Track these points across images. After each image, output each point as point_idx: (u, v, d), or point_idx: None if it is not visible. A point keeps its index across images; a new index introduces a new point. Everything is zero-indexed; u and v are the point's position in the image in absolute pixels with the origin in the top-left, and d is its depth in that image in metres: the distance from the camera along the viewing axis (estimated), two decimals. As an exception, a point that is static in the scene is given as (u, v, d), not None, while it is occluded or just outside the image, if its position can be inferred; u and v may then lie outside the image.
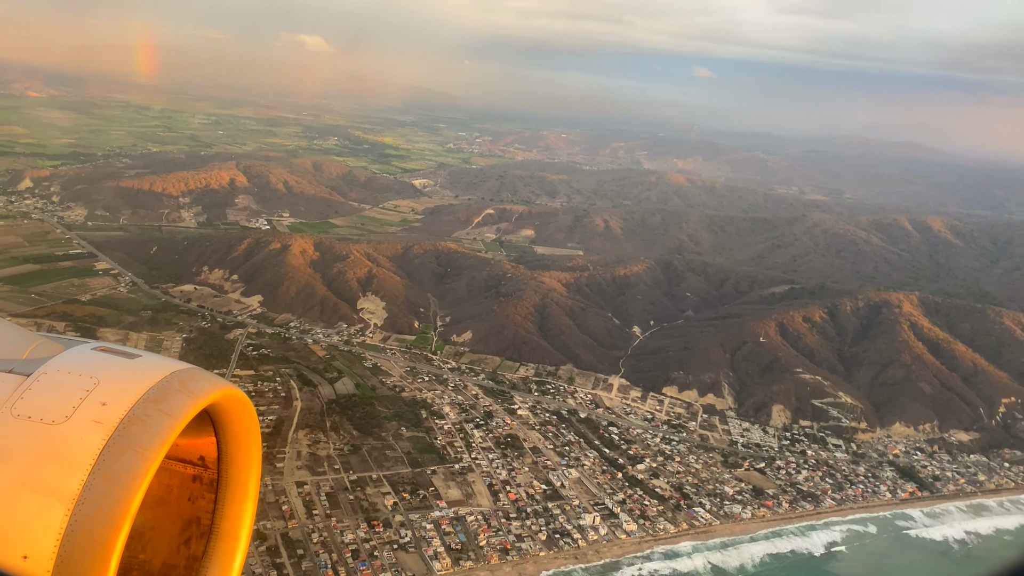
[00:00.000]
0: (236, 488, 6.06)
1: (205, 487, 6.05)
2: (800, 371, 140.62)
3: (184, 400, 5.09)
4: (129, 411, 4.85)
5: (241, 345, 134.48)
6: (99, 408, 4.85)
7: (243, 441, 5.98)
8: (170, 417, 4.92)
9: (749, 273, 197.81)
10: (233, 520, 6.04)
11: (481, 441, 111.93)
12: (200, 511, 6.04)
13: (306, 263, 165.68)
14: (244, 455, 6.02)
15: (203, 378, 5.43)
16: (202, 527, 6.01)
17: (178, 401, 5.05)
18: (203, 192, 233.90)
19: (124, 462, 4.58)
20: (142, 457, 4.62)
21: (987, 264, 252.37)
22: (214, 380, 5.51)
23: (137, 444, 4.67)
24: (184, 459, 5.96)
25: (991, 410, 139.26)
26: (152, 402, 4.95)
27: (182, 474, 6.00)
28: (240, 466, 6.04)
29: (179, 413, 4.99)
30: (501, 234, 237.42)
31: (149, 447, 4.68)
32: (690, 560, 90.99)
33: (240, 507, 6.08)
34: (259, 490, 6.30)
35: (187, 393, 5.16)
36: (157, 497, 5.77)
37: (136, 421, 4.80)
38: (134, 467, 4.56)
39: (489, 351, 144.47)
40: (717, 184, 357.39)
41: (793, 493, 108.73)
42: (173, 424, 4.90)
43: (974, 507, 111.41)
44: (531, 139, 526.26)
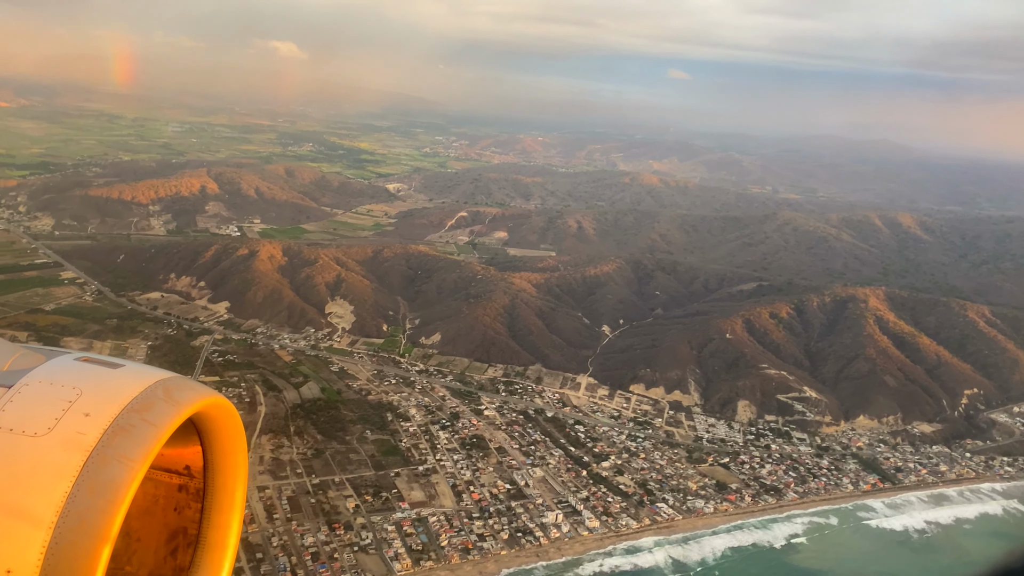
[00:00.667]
0: (222, 497, 6.00)
1: (191, 497, 5.98)
2: (766, 367, 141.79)
3: (169, 409, 5.01)
4: (113, 421, 4.76)
5: (207, 352, 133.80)
6: (82, 419, 4.76)
7: (229, 450, 5.91)
8: (155, 427, 4.84)
9: (718, 271, 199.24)
10: (220, 530, 5.98)
11: (447, 442, 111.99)
12: (186, 521, 5.96)
13: (274, 268, 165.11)
14: (230, 464, 5.96)
15: (188, 387, 5.35)
16: (189, 537, 5.94)
17: (163, 410, 4.97)
18: (173, 200, 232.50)
19: (108, 473, 4.51)
20: (127, 468, 4.56)
21: (955, 259, 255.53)
22: (199, 389, 5.44)
23: (121, 455, 4.60)
24: (169, 469, 5.86)
25: (954, 401, 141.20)
26: (136, 412, 4.87)
27: (168, 484, 5.89)
28: (226, 475, 5.98)
29: (164, 423, 4.91)
30: (474, 237, 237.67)
31: (134, 458, 4.61)
32: (651, 555, 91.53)
33: (227, 516, 6.02)
34: (246, 499, 6.28)
35: (172, 402, 5.08)
36: (142, 508, 5.64)
37: (120, 431, 4.72)
38: (118, 478, 4.50)
39: (458, 353, 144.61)
40: (690, 184, 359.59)
41: (756, 487, 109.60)
42: (158, 434, 4.82)
43: (935, 497, 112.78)
44: (508, 143, 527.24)
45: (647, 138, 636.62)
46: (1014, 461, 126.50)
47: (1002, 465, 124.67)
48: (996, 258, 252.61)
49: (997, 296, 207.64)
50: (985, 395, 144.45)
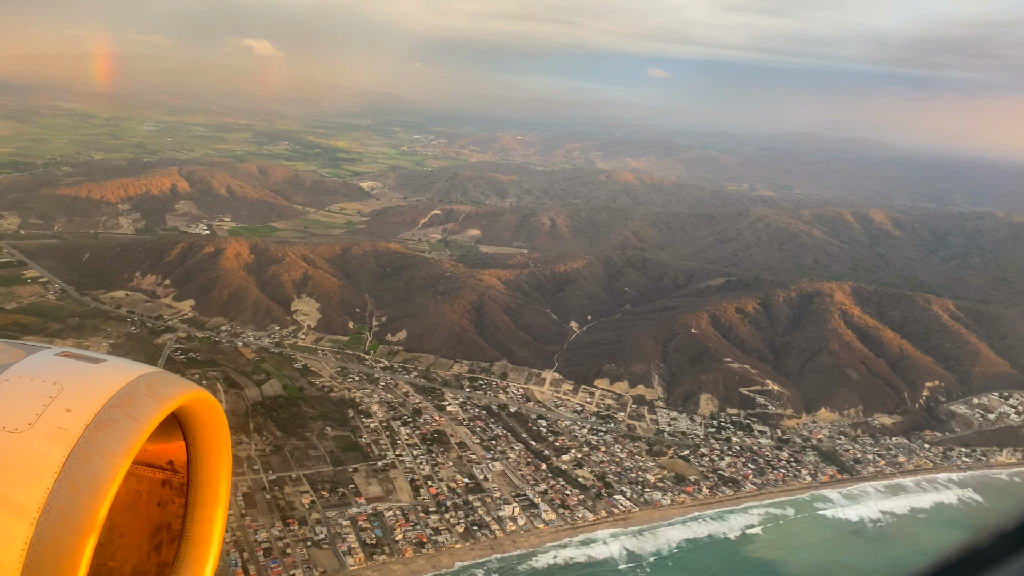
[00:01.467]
0: (206, 492, 5.94)
1: (175, 492, 5.93)
2: (729, 361, 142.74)
3: (151, 404, 4.96)
4: (95, 417, 4.72)
5: (169, 350, 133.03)
6: (63, 414, 4.71)
7: (212, 444, 5.86)
8: (137, 422, 4.79)
9: (688, 267, 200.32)
10: (204, 524, 5.92)
11: (407, 438, 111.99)
12: (170, 516, 5.90)
13: (240, 266, 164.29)
14: (214, 458, 5.91)
15: (170, 381, 5.33)
16: (172, 532, 5.88)
17: (145, 405, 4.92)
18: (143, 198, 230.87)
19: (90, 469, 4.46)
20: (109, 463, 4.51)
21: (925, 254, 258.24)
22: (182, 383, 5.41)
23: (103, 450, 4.56)
24: (153, 464, 5.83)
25: (915, 394, 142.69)
26: (118, 407, 4.83)
27: (151, 479, 5.86)
28: (210, 470, 5.92)
29: (146, 418, 4.86)
30: (447, 234, 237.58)
31: (116, 453, 4.57)
32: (606, 547, 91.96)
33: (211, 511, 5.96)
34: (230, 494, 6.24)
35: (154, 397, 5.03)
36: (126, 503, 5.66)
37: (102, 427, 4.68)
38: (101, 474, 4.46)
39: (424, 349, 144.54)
40: (666, 182, 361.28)
41: (715, 479, 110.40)
42: (140, 429, 4.78)
43: (892, 487, 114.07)
44: (487, 141, 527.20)
45: (627, 136, 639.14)
46: (972, 452, 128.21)
47: (960, 456, 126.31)
48: (965, 253, 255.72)
49: (964, 290, 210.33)
50: (946, 387, 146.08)
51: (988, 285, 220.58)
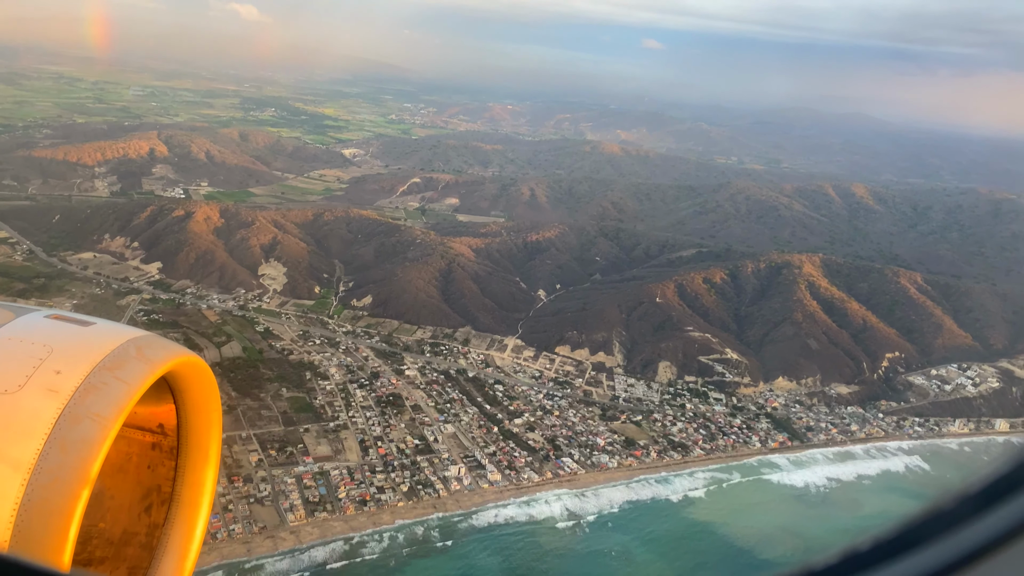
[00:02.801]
0: (196, 455, 5.98)
1: (165, 455, 5.95)
2: (691, 329, 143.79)
3: (141, 368, 4.99)
4: (85, 379, 4.73)
5: (132, 311, 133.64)
6: (53, 376, 4.73)
7: (202, 408, 5.91)
8: (127, 385, 4.82)
9: (661, 238, 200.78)
10: (194, 487, 5.98)
11: (362, 400, 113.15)
12: (160, 479, 5.95)
13: (209, 230, 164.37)
14: (204, 422, 5.96)
15: (161, 345, 5.35)
16: (163, 495, 5.93)
17: (135, 369, 4.95)
18: (120, 162, 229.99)
19: (80, 431, 4.49)
20: (99, 426, 4.54)
21: (904, 229, 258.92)
22: (172, 347, 5.44)
23: (94, 412, 4.59)
24: (143, 427, 5.87)
25: (875, 364, 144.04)
26: (108, 370, 4.85)
27: (141, 442, 5.90)
28: (200, 433, 5.97)
29: (136, 381, 4.89)
30: (425, 203, 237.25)
31: (106, 415, 4.59)
32: (547, 506, 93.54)
33: (201, 474, 6.01)
34: (220, 457, 6.30)
35: (144, 361, 5.05)
36: (116, 465, 5.69)
37: (92, 389, 4.70)
38: (91, 436, 4.48)
39: (388, 315, 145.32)
40: (651, 154, 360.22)
41: (664, 444, 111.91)
42: (130, 392, 4.80)
43: (840, 455, 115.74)
44: (476, 111, 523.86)
45: (621, 108, 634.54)
46: (925, 422, 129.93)
47: (912, 425, 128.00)
48: (944, 228, 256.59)
49: (937, 265, 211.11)
50: (906, 358, 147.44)
51: (963, 260, 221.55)
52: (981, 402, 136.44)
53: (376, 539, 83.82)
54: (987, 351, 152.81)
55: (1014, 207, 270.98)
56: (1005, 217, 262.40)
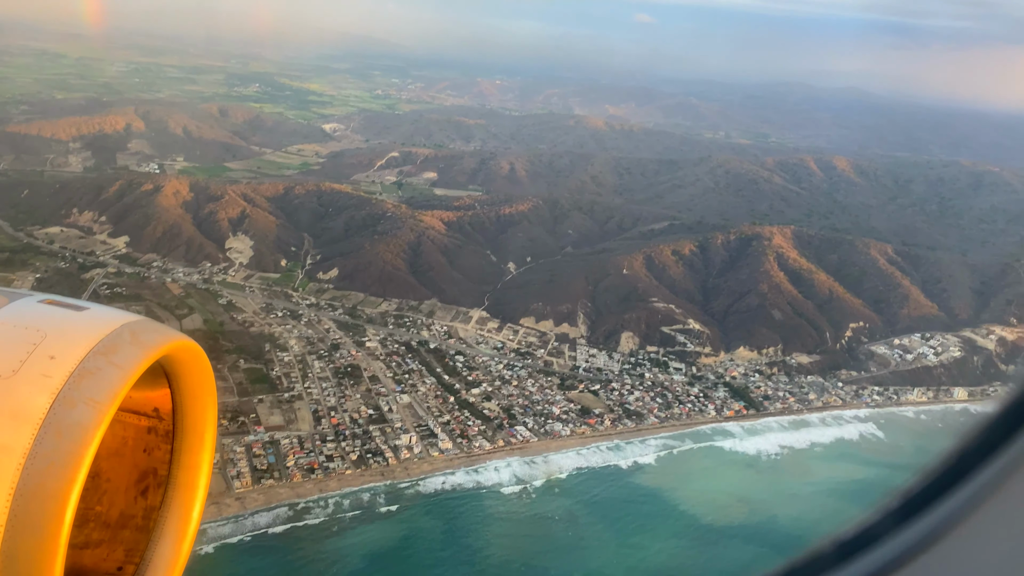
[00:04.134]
0: (192, 439, 6.01)
1: (160, 438, 6.00)
2: (655, 300, 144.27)
3: (136, 352, 4.96)
4: (79, 364, 4.73)
5: (95, 285, 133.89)
6: (47, 362, 4.72)
7: (198, 392, 5.91)
8: (121, 370, 4.80)
9: (634, 211, 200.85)
10: (190, 470, 6.02)
11: (320, 371, 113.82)
12: (156, 462, 5.99)
13: (177, 204, 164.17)
14: (199, 406, 5.97)
15: (155, 330, 5.33)
16: (159, 478, 5.98)
17: (130, 353, 4.93)
18: (96, 137, 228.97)
19: (76, 416, 4.50)
20: (94, 410, 4.54)
21: (884, 201, 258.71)
22: (166, 332, 5.43)
23: (88, 397, 4.59)
24: (138, 411, 5.88)
25: (838, 334, 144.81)
26: (102, 355, 4.83)
27: (136, 426, 5.92)
28: (195, 417, 5.98)
29: (131, 366, 4.87)
30: (403, 177, 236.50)
31: (101, 400, 4.59)
32: (496, 473, 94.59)
33: (197, 457, 6.05)
34: (216, 440, 6.32)
35: (139, 345, 5.03)
36: (111, 449, 5.71)
37: (86, 374, 4.70)
38: (86, 420, 4.49)
39: (354, 287, 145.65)
40: (636, 128, 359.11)
41: (619, 412, 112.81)
42: (125, 377, 4.80)
43: (795, 423, 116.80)
44: (465, 86, 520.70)
45: (612, 84, 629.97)
46: (884, 390, 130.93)
47: (871, 394, 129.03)
48: (924, 201, 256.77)
49: (914, 236, 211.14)
50: (870, 328, 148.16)
51: (939, 232, 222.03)
52: (942, 371, 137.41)
53: (321, 505, 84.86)
54: (952, 321, 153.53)
55: (995, 180, 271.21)
56: (986, 189, 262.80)
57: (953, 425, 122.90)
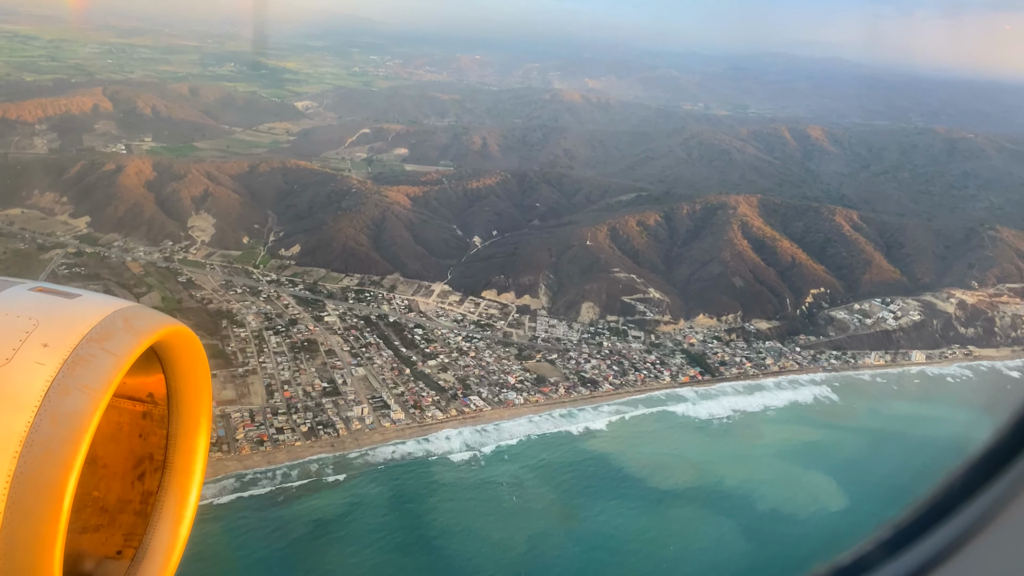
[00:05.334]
0: (187, 423, 6.05)
1: (156, 423, 6.03)
2: (617, 271, 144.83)
3: (129, 339, 4.99)
4: (72, 352, 4.75)
5: (55, 265, 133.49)
6: (40, 349, 4.74)
7: (191, 377, 5.95)
8: (115, 356, 4.83)
9: (602, 183, 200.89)
10: (186, 455, 6.06)
11: (276, 347, 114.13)
12: (152, 447, 6.02)
13: (140, 183, 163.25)
14: (193, 391, 6.01)
15: (147, 316, 5.36)
16: (155, 462, 6.01)
17: (123, 340, 4.95)
18: (62, 119, 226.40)
19: (71, 403, 4.53)
20: (88, 397, 4.57)
21: (857, 169, 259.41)
22: (159, 317, 5.45)
23: (83, 384, 4.61)
24: (133, 397, 5.92)
25: (798, 300, 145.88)
26: (95, 342, 4.84)
27: (131, 412, 5.95)
28: (190, 402, 6.03)
29: (124, 352, 4.90)
30: (373, 153, 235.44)
31: (95, 387, 4.62)
32: (447, 442, 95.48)
33: (192, 442, 6.09)
34: (211, 424, 6.40)
35: (131, 332, 5.06)
36: (107, 435, 5.72)
37: (80, 362, 4.71)
38: (81, 407, 4.51)
39: (316, 264, 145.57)
40: (612, 101, 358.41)
41: (575, 380, 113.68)
42: (119, 363, 4.82)
43: (750, 387, 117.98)
44: (443, 61, 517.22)
45: (594, 57, 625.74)
46: (842, 354, 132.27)
47: (828, 358, 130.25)
48: (896, 168, 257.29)
49: (883, 203, 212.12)
50: (831, 294, 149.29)
51: (909, 198, 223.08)
52: (900, 334, 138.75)
53: (268, 476, 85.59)
54: (914, 285, 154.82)
55: (969, 146, 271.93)
56: (959, 156, 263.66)
57: (908, 387, 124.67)
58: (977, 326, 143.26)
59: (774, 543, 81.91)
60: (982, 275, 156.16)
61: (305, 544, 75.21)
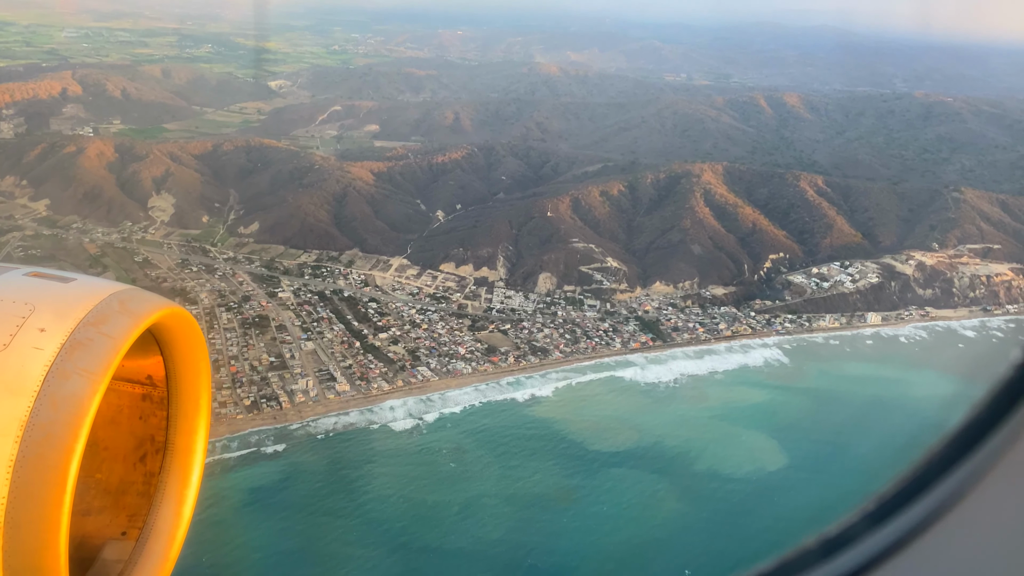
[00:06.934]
0: (187, 404, 6.08)
1: (156, 405, 6.06)
2: (576, 241, 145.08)
3: (126, 322, 5.00)
4: (69, 336, 4.75)
5: (10, 248, 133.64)
6: (38, 335, 4.75)
7: (190, 358, 5.97)
8: (113, 339, 4.84)
9: (570, 155, 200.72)
10: (187, 435, 6.12)
11: (226, 323, 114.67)
12: (153, 428, 6.06)
13: (101, 165, 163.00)
14: (192, 372, 6.03)
15: (144, 298, 5.36)
16: (156, 444, 6.05)
17: (120, 323, 4.96)
18: (30, 103, 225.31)
19: (70, 387, 4.55)
20: (88, 381, 4.58)
21: (832, 135, 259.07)
22: (155, 299, 5.46)
23: (81, 368, 4.62)
24: (131, 379, 5.95)
25: (757, 266, 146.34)
26: (92, 325, 4.85)
27: (131, 394, 5.99)
28: (189, 382, 6.05)
29: (122, 335, 4.90)
30: (344, 130, 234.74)
31: (94, 371, 4.63)
32: (390, 412, 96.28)
33: (192, 422, 6.15)
34: (211, 404, 6.43)
35: (128, 314, 5.07)
36: (107, 418, 5.78)
37: (78, 346, 4.73)
38: (80, 391, 4.54)
39: (275, 240, 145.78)
40: (590, 73, 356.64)
41: (525, 349, 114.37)
42: (116, 346, 4.84)
43: (701, 352, 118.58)
44: (425, 38, 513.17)
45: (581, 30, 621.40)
46: (797, 318, 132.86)
47: (783, 322, 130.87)
48: (871, 133, 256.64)
49: (854, 169, 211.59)
50: (791, 259, 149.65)
51: (880, 163, 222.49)
52: (857, 297, 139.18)
53: (207, 449, 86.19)
54: (875, 248, 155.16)
55: (946, 110, 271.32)
56: (935, 120, 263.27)
57: (860, 349, 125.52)
58: (935, 287, 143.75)
59: (706, 498, 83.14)
60: (943, 236, 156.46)
61: (236, 511, 76.18)
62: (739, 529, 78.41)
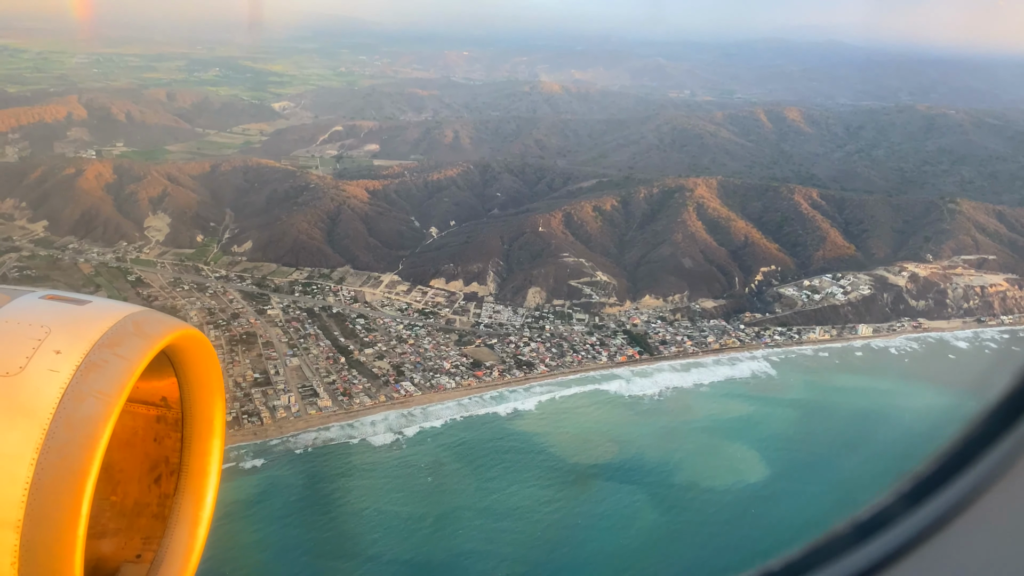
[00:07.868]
0: (201, 426, 6.09)
1: (170, 427, 6.08)
2: (566, 255, 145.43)
3: (140, 344, 5.06)
4: (85, 358, 4.80)
5: (5, 268, 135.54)
6: (53, 357, 4.78)
7: (204, 380, 6.01)
8: (127, 361, 4.89)
9: (565, 171, 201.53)
10: (201, 457, 6.14)
11: (214, 340, 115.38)
12: (167, 450, 6.08)
13: (99, 186, 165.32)
14: (206, 393, 6.06)
15: (158, 320, 5.42)
16: (171, 465, 6.08)
17: (134, 345, 5.02)
18: (35, 127, 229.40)
19: (85, 409, 4.58)
20: (103, 403, 4.61)
21: (831, 149, 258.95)
22: (170, 321, 5.51)
23: (96, 390, 4.66)
24: (146, 401, 5.98)
25: (748, 279, 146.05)
26: (107, 347, 4.91)
27: (145, 416, 6.02)
28: (203, 404, 6.07)
29: (136, 357, 4.97)
30: (344, 150, 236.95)
31: (109, 393, 4.67)
32: (371, 427, 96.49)
33: (207, 444, 6.17)
34: (225, 427, 6.47)
35: (143, 337, 5.13)
36: (122, 440, 5.79)
37: (93, 368, 4.77)
38: (96, 413, 4.56)
39: (268, 259, 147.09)
40: (592, 91, 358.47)
41: (511, 363, 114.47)
42: (131, 368, 4.88)
43: (687, 365, 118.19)
44: (431, 58, 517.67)
45: (586, 49, 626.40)
46: (787, 331, 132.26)
47: (772, 335, 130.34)
48: (871, 147, 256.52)
49: (852, 182, 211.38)
50: (782, 271, 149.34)
51: (880, 176, 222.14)
52: (849, 309, 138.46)
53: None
54: (868, 260, 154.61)
55: (947, 122, 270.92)
56: (936, 132, 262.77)
57: (850, 360, 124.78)
58: (928, 299, 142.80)
59: (684, 510, 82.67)
60: (937, 248, 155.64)
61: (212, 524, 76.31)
62: (715, 539, 77.99)
